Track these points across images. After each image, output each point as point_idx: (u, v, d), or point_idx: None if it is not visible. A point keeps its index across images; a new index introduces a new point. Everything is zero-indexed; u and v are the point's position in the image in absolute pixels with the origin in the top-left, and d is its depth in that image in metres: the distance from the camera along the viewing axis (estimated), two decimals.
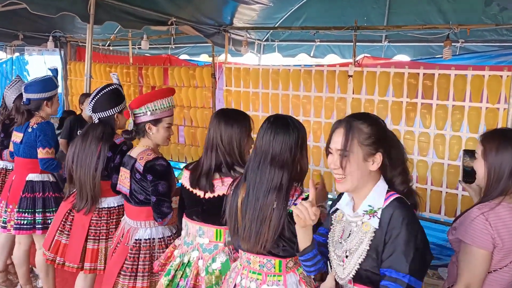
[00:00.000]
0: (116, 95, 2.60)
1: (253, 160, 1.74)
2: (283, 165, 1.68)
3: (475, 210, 1.65)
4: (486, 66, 3.39)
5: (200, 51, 6.80)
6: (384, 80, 3.70)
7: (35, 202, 3.01)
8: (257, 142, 1.75)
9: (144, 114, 2.29)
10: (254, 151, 1.76)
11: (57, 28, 5.82)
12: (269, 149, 1.69)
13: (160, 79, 5.32)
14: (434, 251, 4.11)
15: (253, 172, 1.72)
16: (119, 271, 2.28)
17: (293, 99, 4.24)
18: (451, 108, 3.45)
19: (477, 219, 1.61)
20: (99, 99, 2.54)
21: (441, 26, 4.08)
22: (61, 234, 2.64)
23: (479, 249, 1.60)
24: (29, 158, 3.07)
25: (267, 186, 1.67)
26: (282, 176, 1.67)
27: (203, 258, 1.99)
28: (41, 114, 3.10)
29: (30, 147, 3.05)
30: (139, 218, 2.33)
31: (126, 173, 2.35)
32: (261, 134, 1.73)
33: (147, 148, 2.33)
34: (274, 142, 1.68)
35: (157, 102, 2.30)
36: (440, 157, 3.54)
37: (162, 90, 2.40)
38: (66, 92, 6.52)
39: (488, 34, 4.67)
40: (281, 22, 5.73)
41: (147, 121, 2.30)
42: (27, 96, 3.08)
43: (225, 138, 1.96)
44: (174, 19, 4.34)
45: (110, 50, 6.87)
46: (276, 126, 1.71)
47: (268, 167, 1.68)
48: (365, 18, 5.01)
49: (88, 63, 3.78)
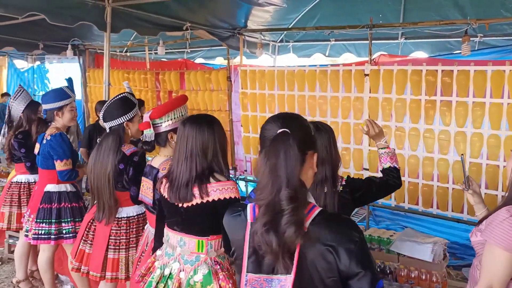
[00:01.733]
0: (124, 103, 2.61)
1: None
2: (323, 161, 1.91)
3: (503, 211, 1.61)
4: (506, 61, 3.30)
5: (216, 54, 6.83)
6: (402, 78, 3.65)
7: (51, 213, 3.06)
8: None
9: (165, 123, 2.30)
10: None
11: (76, 37, 5.92)
12: None
13: (176, 83, 5.37)
14: (457, 251, 4.09)
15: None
16: None
17: (309, 99, 4.22)
18: (471, 105, 3.38)
19: (507, 221, 1.57)
20: (108, 108, 2.58)
21: (458, 21, 3.99)
22: (84, 244, 2.70)
23: (505, 252, 1.56)
24: (46, 169, 3.11)
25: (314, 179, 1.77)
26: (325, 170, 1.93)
27: (184, 270, 1.94)
28: (56, 124, 3.11)
29: (46, 159, 3.08)
30: None
31: (148, 183, 2.35)
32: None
33: (169, 157, 2.32)
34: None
35: (177, 110, 2.32)
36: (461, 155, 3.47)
37: (180, 98, 2.42)
38: (86, 99, 6.64)
39: (508, 27, 4.55)
40: (295, 23, 5.71)
41: (169, 130, 2.31)
42: (43, 107, 3.16)
43: (202, 145, 1.90)
44: (189, 24, 4.37)
45: (128, 56, 6.97)
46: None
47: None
48: (380, 15, 4.95)
49: (107, 71, 3.84)
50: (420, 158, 3.68)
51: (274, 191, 1.17)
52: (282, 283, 1.19)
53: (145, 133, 2.35)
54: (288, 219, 1.15)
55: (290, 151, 1.18)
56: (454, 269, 3.78)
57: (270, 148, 1.20)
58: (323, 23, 5.40)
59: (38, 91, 9.72)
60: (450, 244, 3.68)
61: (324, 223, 1.20)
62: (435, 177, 3.63)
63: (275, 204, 1.18)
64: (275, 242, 1.16)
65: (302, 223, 1.17)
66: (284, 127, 1.24)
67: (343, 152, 4.05)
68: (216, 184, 1.88)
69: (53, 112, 3.09)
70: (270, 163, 1.19)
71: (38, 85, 10.08)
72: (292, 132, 1.22)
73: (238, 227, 1.28)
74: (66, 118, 3.13)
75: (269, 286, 1.21)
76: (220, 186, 1.88)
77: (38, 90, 9.81)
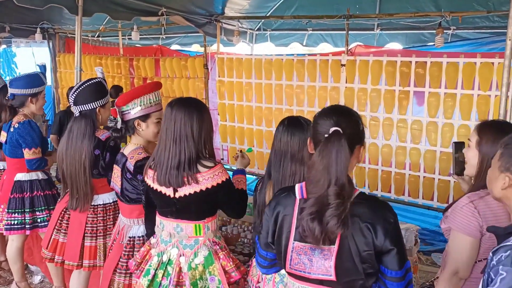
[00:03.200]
0: (99, 88, 2.53)
1: (274, 160, 1.91)
2: (302, 161, 1.82)
3: (464, 198, 1.68)
4: (478, 54, 3.40)
5: (192, 41, 6.72)
6: (377, 69, 3.70)
7: (24, 202, 2.97)
8: (275, 143, 1.91)
9: (132, 110, 2.23)
10: (273, 152, 1.92)
11: (45, 20, 5.69)
12: (287, 148, 1.86)
13: (151, 70, 5.27)
14: (427, 237, 4.22)
15: (276, 170, 1.89)
16: (115, 268, 2.28)
17: (286, 89, 4.22)
18: (443, 96, 3.47)
19: (466, 207, 1.64)
20: (81, 91, 2.48)
21: (433, 14, 4.08)
22: (58, 233, 2.63)
23: (466, 236, 1.63)
24: (15, 158, 3.00)
25: (289, 181, 1.83)
26: (303, 170, 1.81)
27: (184, 255, 1.94)
28: (25, 111, 3.00)
29: (14, 147, 2.97)
30: (132, 216, 2.31)
31: (118, 171, 2.31)
32: (279, 136, 1.90)
33: (138, 146, 2.28)
34: (292, 142, 1.85)
35: (144, 97, 2.23)
36: (432, 145, 3.57)
37: (149, 85, 2.34)
38: (56, 85, 6.43)
39: (480, 21, 4.67)
40: (273, 11, 5.69)
41: (135, 117, 2.24)
42: (11, 91, 3.00)
43: (191, 128, 1.85)
44: (164, 9, 4.27)
45: (100, 41, 6.77)
46: (291, 127, 1.88)
47: (289, 164, 1.85)
48: (357, 6, 4.98)
49: (78, 56, 3.70)
50: (393, 147, 3.76)
51: (324, 187, 1.33)
52: (324, 252, 1.38)
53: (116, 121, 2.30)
54: (332, 212, 1.32)
55: (342, 152, 1.33)
56: (424, 255, 3.91)
57: (324, 147, 1.35)
58: (301, 12, 5.40)
59: (4, 76, 9.35)
60: (421, 230, 3.79)
61: (364, 203, 1.38)
62: (407, 165, 3.73)
63: (323, 197, 1.34)
64: (318, 230, 1.33)
65: (344, 217, 1.32)
66: (337, 124, 1.38)
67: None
68: (206, 172, 1.86)
69: (27, 98, 2.98)
70: (324, 162, 1.33)
71: (5, 69, 9.71)
72: (344, 130, 1.36)
73: (288, 203, 1.47)
74: (39, 105, 3.05)
75: (312, 254, 1.41)
76: (211, 174, 1.86)
77: (5, 75, 9.44)
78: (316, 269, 1.40)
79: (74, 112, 2.53)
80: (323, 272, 1.39)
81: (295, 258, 1.43)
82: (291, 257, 1.44)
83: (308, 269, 1.42)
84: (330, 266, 1.38)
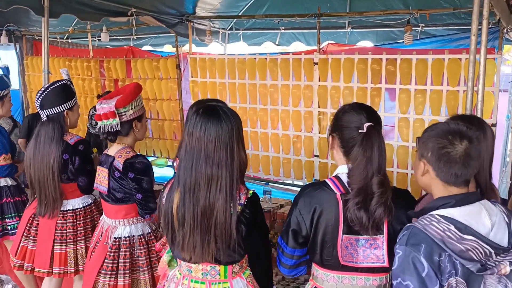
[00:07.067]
0: (65, 90, 2.50)
1: (184, 159, 1.54)
2: (219, 163, 1.50)
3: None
4: (446, 50, 3.48)
5: (164, 41, 6.63)
6: (349, 67, 3.74)
7: None
8: (186, 137, 1.55)
9: (129, 111, 2.26)
10: (184, 148, 1.55)
11: (11, 22, 5.52)
12: (201, 146, 1.51)
13: (122, 71, 5.17)
14: None
15: (187, 173, 1.53)
16: (99, 270, 2.25)
17: (260, 88, 4.22)
18: (413, 92, 3.54)
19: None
20: (47, 94, 2.44)
21: (401, 11, 4.15)
22: (26, 240, 2.57)
23: None
24: None
25: (205, 188, 1.51)
26: (221, 176, 1.50)
27: None
28: None
29: None
30: (118, 217, 2.31)
31: (104, 171, 2.31)
32: (190, 129, 1.53)
33: (125, 146, 2.30)
34: (206, 139, 1.50)
35: (138, 98, 2.30)
36: (404, 140, 3.63)
37: (137, 85, 2.35)
38: (24, 88, 6.23)
39: (447, 18, 4.78)
40: (245, 11, 5.67)
41: (134, 118, 2.29)
42: None
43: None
44: (134, 9, 4.20)
45: (69, 43, 6.60)
46: (206, 119, 1.52)
47: (204, 166, 1.50)
48: (327, 5, 5.03)
49: (46, 58, 3.60)
50: None
51: (368, 178, 1.47)
52: (370, 242, 1.54)
53: (104, 124, 2.21)
54: (377, 200, 1.46)
55: (382, 144, 1.50)
56: None
57: (366, 141, 1.48)
58: (272, 11, 5.40)
59: None
60: None
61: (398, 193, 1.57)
62: None
63: (367, 187, 1.47)
64: (365, 218, 1.47)
65: (389, 204, 1.47)
66: (369, 119, 1.53)
67: (294, 140, 4.11)
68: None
69: None
70: (367, 155, 1.47)
71: None
72: (376, 124, 1.52)
73: (325, 198, 1.56)
74: (6, 108, 2.99)
75: (356, 244, 1.55)
76: None
77: None
78: (364, 258, 1.53)
79: (42, 116, 2.48)
80: (373, 260, 1.53)
81: (344, 250, 1.54)
82: (341, 250, 1.54)
83: (355, 259, 1.54)
84: (382, 254, 1.52)
